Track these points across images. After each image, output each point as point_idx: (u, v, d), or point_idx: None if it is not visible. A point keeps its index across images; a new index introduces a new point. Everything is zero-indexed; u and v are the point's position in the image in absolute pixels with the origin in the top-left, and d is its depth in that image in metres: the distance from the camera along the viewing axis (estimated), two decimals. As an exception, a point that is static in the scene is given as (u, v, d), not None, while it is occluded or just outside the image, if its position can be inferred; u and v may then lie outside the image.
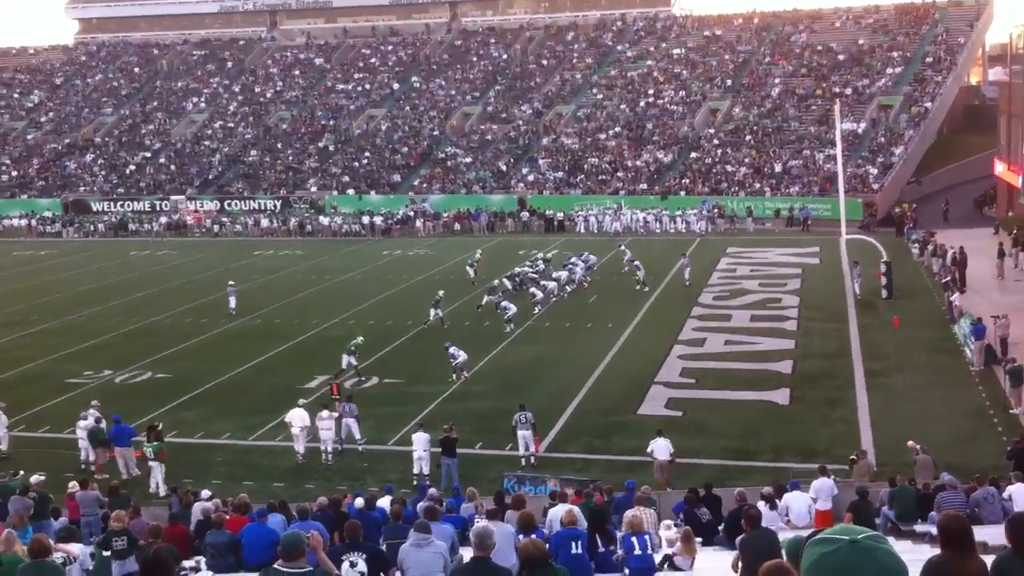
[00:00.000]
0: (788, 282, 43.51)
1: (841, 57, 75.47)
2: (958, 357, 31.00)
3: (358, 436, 25.20)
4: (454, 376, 30.52)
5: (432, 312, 37.54)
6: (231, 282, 42.63)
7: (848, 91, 70.45)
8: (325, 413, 24.89)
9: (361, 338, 32.29)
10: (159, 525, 14.10)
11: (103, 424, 24.93)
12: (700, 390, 28.86)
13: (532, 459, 23.97)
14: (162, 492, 22.71)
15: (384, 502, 18.39)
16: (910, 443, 21.26)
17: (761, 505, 16.15)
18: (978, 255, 42.41)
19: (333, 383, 27.10)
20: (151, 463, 23.45)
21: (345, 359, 30.69)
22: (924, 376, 29.56)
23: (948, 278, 39.08)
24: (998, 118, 57.84)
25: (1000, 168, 55.14)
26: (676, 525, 16.20)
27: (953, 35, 75.79)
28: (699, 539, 17.00)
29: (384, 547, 11.61)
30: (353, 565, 9.97)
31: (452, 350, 30.68)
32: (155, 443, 23.42)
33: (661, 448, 22.06)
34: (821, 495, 18.32)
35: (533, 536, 9.34)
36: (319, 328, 38.50)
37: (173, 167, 79.65)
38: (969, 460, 21.66)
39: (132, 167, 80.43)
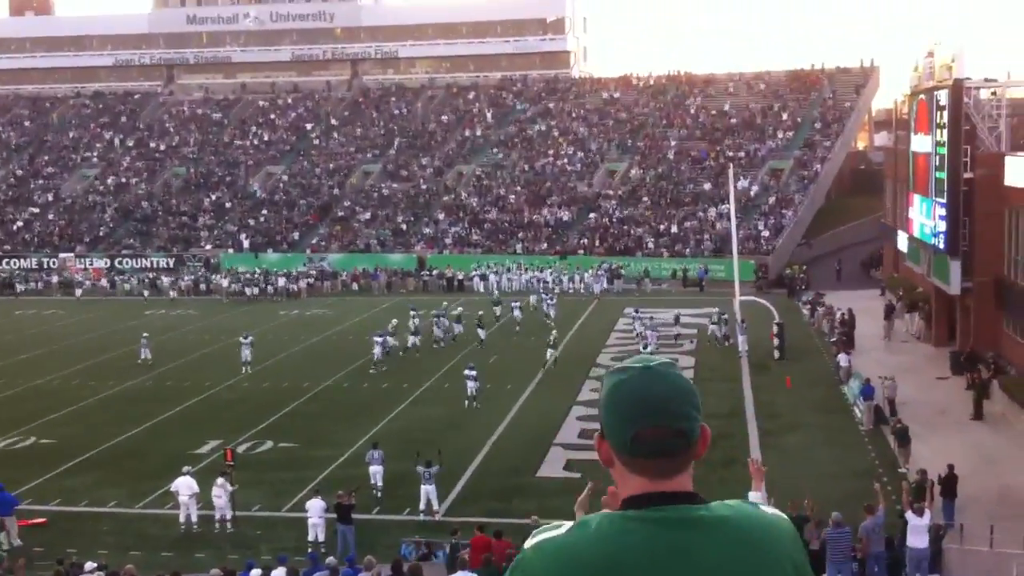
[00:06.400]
0: (684, 343, 44.09)
1: (734, 121, 77.47)
2: (848, 417, 31.72)
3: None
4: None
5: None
6: (145, 334, 43.37)
7: (741, 154, 72.24)
8: (220, 480, 24.18)
9: (396, 321, 37.96)
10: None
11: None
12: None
13: (435, 516, 23.91)
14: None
15: (279, 573, 18.01)
16: (807, 501, 21.50)
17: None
18: (866, 316, 43.61)
19: (227, 448, 26.43)
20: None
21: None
22: (816, 435, 30.14)
23: (836, 339, 40.07)
24: (884, 182, 59.79)
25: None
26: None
27: (840, 100, 78.45)
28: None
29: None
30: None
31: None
32: None
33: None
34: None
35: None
36: (212, 390, 37.66)
37: (62, 223, 77.71)
38: (859, 518, 21.99)
39: (19, 223, 78.29)
